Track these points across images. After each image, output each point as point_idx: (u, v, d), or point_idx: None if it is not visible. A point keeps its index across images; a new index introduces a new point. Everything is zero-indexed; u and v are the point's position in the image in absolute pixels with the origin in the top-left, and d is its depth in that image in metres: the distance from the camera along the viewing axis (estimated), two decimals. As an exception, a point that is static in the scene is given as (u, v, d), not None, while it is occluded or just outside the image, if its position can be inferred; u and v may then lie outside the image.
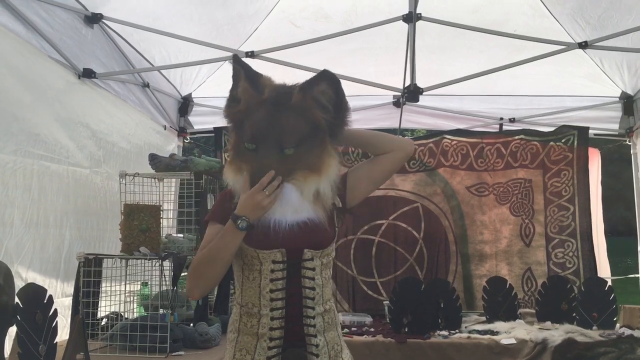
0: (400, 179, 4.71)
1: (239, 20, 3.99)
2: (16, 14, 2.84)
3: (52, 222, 3.04)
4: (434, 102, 4.82)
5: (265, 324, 1.71)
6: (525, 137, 4.66)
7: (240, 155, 1.73)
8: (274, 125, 1.66)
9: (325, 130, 1.72)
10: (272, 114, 1.68)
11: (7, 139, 2.68)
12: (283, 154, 1.66)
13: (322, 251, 1.76)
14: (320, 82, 1.69)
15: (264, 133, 1.66)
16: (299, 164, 1.68)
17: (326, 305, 1.78)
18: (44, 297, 2.08)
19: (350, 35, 3.44)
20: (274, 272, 1.72)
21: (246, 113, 1.71)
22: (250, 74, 1.73)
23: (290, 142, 1.66)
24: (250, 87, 1.71)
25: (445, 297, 3.82)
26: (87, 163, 3.40)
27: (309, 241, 1.73)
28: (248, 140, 1.69)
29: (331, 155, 1.74)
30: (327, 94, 1.70)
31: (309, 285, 1.74)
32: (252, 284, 1.74)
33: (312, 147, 1.70)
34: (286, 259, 1.72)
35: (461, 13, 3.54)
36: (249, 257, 1.74)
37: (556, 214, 4.59)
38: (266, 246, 1.70)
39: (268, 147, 1.66)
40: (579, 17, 3.73)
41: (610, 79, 4.48)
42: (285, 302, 1.71)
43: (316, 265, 1.75)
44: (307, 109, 1.69)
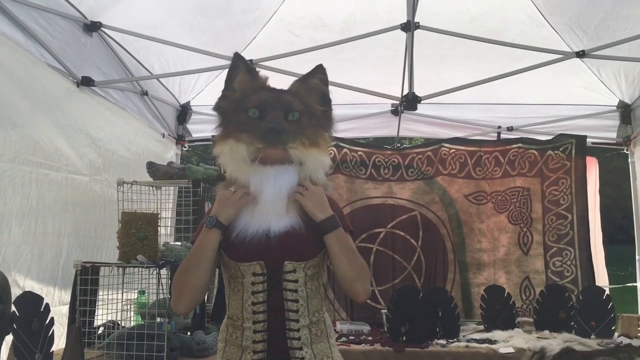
0: (399, 187, 4.71)
1: (238, 29, 4.00)
2: (16, 22, 2.85)
3: (50, 230, 3.03)
4: (432, 111, 4.84)
5: (248, 337, 1.71)
6: (523, 146, 4.66)
7: (240, 128, 1.73)
8: (279, 95, 1.74)
9: (321, 118, 1.79)
10: (275, 91, 1.77)
11: (5, 147, 2.68)
12: (287, 118, 1.71)
13: (305, 262, 1.72)
14: (316, 74, 1.80)
15: (270, 99, 1.72)
16: (302, 131, 1.72)
17: (313, 317, 1.75)
18: (40, 305, 2.08)
19: (349, 44, 3.46)
20: (254, 284, 1.70)
21: (244, 96, 1.75)
22: (250, 67, 1.81)
23: (294, 107, 1.72)
24: (249, 76, 1.77)
25: (443, 305, 3.81)
26: (86, 171, 3.40)
27: (289, 253, 1.70)
28: (253, 106, 1.71)
29: (327, 141, 1.81)
30: (320, 88, 1.80)
31: (291, 298, 1.71)
32: (237, 297, 1.74)
33: (311, 125, 1.76)
34: (266, 271, 1.70)
35: (459, 22, 3.56)
36: (232, 270, 1.73)
37: (554, 222, 4.59)
38: (245, 258, 1.70)
39: (274, 110, 1.70)
40: (576, 27, 3.75)
41: (607, 88, 4.50)
42: (268, 314, 1.70)
43: (299, 277, 1.72)
44: (304, 95, 1.77)
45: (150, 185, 3.10)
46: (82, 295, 2.67)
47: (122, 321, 2.89)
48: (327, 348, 1.78)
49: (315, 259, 1.75)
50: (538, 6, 3.76)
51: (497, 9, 3.82)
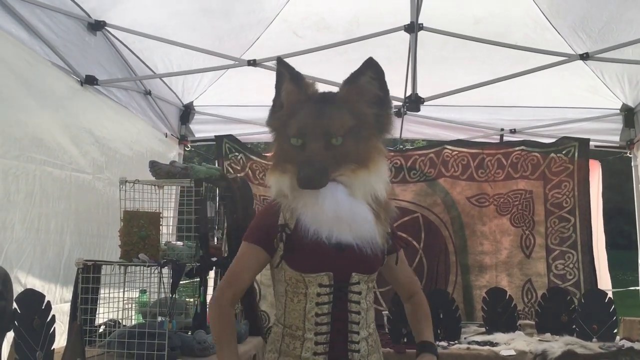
0: (401, 188, 4.71)
1: (241, 29, 4.01)
2: (20, 21, 2.86)
3: (52, 227, 3.04)
4: (435, 113, 4.83)
5: (309, 348, 1.67)
6: (526, 148, 4.66)
7: (284, 156, 1.68)
8: (320, 116, 1.63)
9: (372, 125, 1.68)
10: (318, 107, 1.65)
11: (10, 144, 2.69)
12: (330, 145, 1.62)
13: (369, 276, 1.72)
14: (365, 71, 1.67)
15: (309, 125, 1.63)
16: (346, 156, 1.63)
17: (370, 328, 1.75)
18: (42, 303, 2.09)
19: (352, 46, 3.46)
20: (320, 295, 1.67)
21: (290, 113, 1.68)
22: (294, 74, 1.72)
23: (337, 131, 1.62)
24: (294, 87, 1.70)
25: (444, 307, 3.81)
26: (90, 169, 3.41)
27: (357, 265, 1.68)
28: (294, 134, 1.65)
29: (380, 151, 1.69)
30: (373, 86, 1.67)
31: (355, 310, 1.69)
32: (297, 307, 1.69)
33: (359, 140, 1.65)
34: (333, 282, 1.67)
35: (463, 24, 3.56)
36: (293, 280, 1.69)
37: (557, 225, 4.58)
38: (312, 270, 1.66)
39: (314, 138, 1.61)
40: (580, 30, 3.75)
41: (611, 91, 4.49)
42: (331, 326, 1.67)
43: (362, 289, 1.71)
44: (353, 101, 1.66)
45: (153, 184, 3.11)
46: (83, 294, 2.67)
47: (123, 320, 2.89)
48: (379, 359, 1.80)
49: (376, 273, 1.77)
50: (542, 9, 3.76)
51: (501, 12, 3.82)
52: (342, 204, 1.61)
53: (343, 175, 1.63)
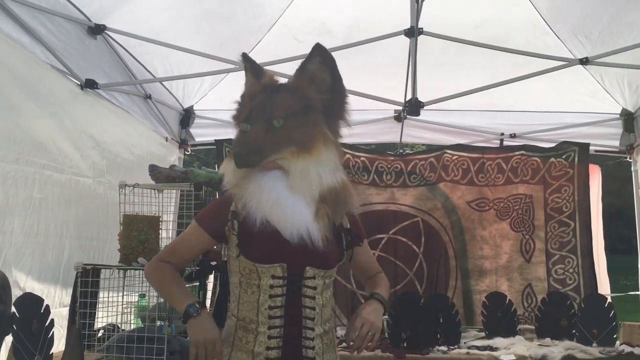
0: (401, 193, 4.70)
1: (242, 34, 4.02)
2: (21, 25, 2.87)
3: (52, 231, 3.04)
4: (435, 117, 4.84)
5: (262, 342, 1.64)
6: (526, 153, 4.66)
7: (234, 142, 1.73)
8: (266, 102, 1.66)
9: (320, 110, 1.66)
10: (268, 94, 1.68)
11: (10, 148, 2.69)
12: (271, 127, 1.62)
13: (325, 271, 1.70)
14: (313, 58, 1.67)
15: (255, 110, 1.66)
16: (287, 139, 1.62)
17: (325, 326, 1.72)
18: (40, 307, 2.08)
19: (352, 51, 3.46)
20: (273, 287, 1.65)
21: (247, 104, 1.72)
22: (255, 67, 1.77)
23: (278, 113, 1.62)
24: (254, 79, 1.73)
25: (444, 312, 3.80)
26: (90, 173, 3.41)
27: (312, 259, 1.66)
28: (242, 120, 1.68)
29: (327, 138, 1.66)
30: (322, 72, 1.67)
31: (309, 305, 1.67)
32: (250, 299, 1.67)
33: (304, 125, 1.63)
34: (287, 274, 1.65)
35: (463, 29, 3.56)
36: (247, 271, 1.67)
37: (557, 230, 4.58)
38: (266, 260, 1.64)
39: (258, 122, 1.64)
40: (580, 34, 3.76)
41: (610, 95, 4.50)
42: (284, 320, 1.65)
43: (318, 284, 1.69)
44: (302, 88, 1.66)
45: (152, 188, 3.10)
46: (82, 298, 2.66)
47: (122, 324, 2.89)
48: (335, 359, 1.77)
49: (334, 269, 1.74)
50: (541, 13, 3.77)
51: (500, 16, 3.83)
52: (281, 197, 1.62)
53: (283, 158, 1.63)
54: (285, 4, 3.86)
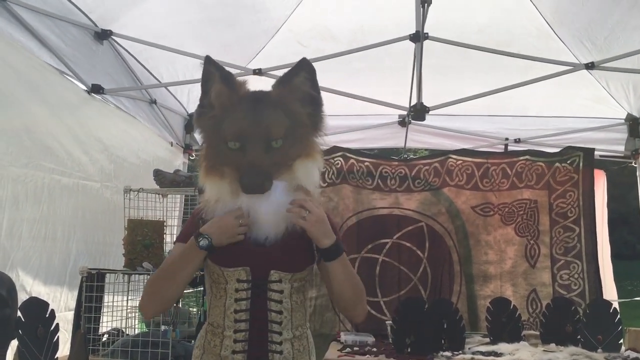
0: (405, 197, 4.69)
1: (247, 39, 4.03)
2: (30, 30, 2.90)
3: (59, 235, 3.06)
4: (439, 122, 4.84)
5: (227, 346, 1.65)
6: (531, 158, 4.64)
7: (221, 160, 1.63)
8: (257, 119, 1.59)
9: (307, 124, 1.66)
10: (253, 108, 1.61)
11: (19, 152, 2.72)
12: (270, 148, 1.59)
13: (292, 275, 1.68)
14: (299, 72, 1.64)
15: (248, 129, 1.58)
16: (286, 158, 1.62)
17: (297, 331, 1.70)
18: (45, 311, 2.09)
19: (357, 55, 3.47)
20: (238, 291, 1.65)
21: (223, 115, 1.63)
22: (225, 74, 1.66)
23: (277, 133, 1.59)
24: (225, 87, 1.64)
25: (448, 317, 3.79)
26: (97, 177, 3.43)
27: (277, 262, 1.65)
28: (232, 138, 1.60)
29: (316, 148, 1.68)
30: (306, 86, 1.65)
31: (275, 309, 1.66)
32: (218, 303, 1.68)
33: (296, 140, 1.63)
34: (251, 278, 1.65)
35: (466, 34, 3.57)
36: (215, 275, 1.68)
37: (562, 235, 4.56)
38: (230, 263, 1.64)
39: (254, 142, 1.58)
40: (585, 39, 3.75)
41: (616, 100, 4.49)
42: (250, 324, 1.64)
43: (285, 288, 1.67)
44: (286, 101, 1.63)
45: (157, 192, 3.12)
46: (87, 302, 2.67)
47: (126, 328, 2.89)
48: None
49: (303, 272, 1.71)
50: (546, 18, 3.76)
51: (505, 21, 3.83)
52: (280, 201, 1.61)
53: (283, 174, 1.62)
54: (290, 9, 3.87)
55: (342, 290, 1.70)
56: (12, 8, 2.74)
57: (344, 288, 1.69)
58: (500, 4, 3.69)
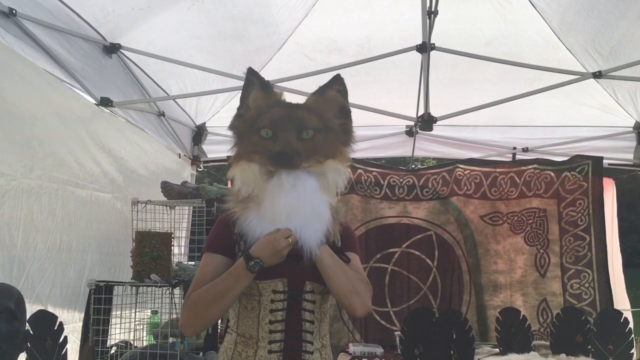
0: (414, 206, 4.69)
1: (254, 52, 4.05)
2: (40, 45, 2.94)
3: (74, 246, 3.08)
4: (447, 132, 4.84)
5: (262, 357, 1.66)
6: (539, 167, 4.63)
7: (252, 148, 1.70)
8: (291, 112, 1.69)
9: (339, 133, 1.75)
10: (289, 107, 1.73)
11: (33, 164, 2.75)
12: (301, 137, 1.67)
13: (323, 286, 1.72)
14: (333, 85, 1.75)
15: (282, 118, 1.67)
16: (316, 150, 1.68)
17: (323, 340, 1.76)
18: (54, 324, 2.10)
19: (364, 68, 3.48)
20: (274, 302, 1.67)
21: (258, 115, 1.71)
22: (264, 82, 1.77)
23: (308, 124, 1.67)
24: (263, 93, 1.74)
25: (457, 328, 3.77)
26: (109, 188, 3.46)
27: (312, 273, 1.68)
28: (265, 125, 1.68)
29: (345, 156, 1.76)
30: (338, 98, 1.75)
31: (309, 319, 1.70)
32: (250, 314, 1.69)
33: (327, 141, 1.71)
34: (287, 289, 1.68)
35: (474, 45, 3.57)
36: (247, 287, 1.68)
37: (572, 244, 4.53)
38: (266, 276, 1.66)
39: (287, 129, 1.66)
40: (591, 49, 3.74)
41: (623, 109, 4.47)
42: (285, 334, 1.67)
43: (316, 298, 1.72)
44: (320, 109, 1.72)
45: (164, 204, 3.14)
46: (95, 314, 2.69)
47: (134, 341, 2.90)
48: None
49: None
50: (553, 28, 3.76)
51: (512, 32, 3.83)
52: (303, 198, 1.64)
53: (312, 166, 1.68)
54: (297, 22, 3.89)
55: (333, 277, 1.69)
56: (22, 23, 2.78)
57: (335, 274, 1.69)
58: (507, 15, 3.69)
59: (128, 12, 3.26)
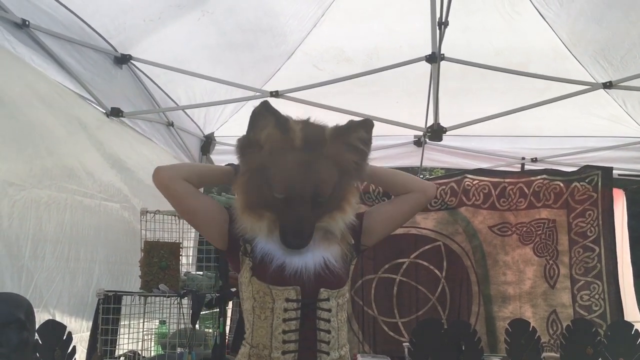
0: (422, 217, 4.67)
1: (263, 62, 4.08)
2: (52, 56, 2.97)
3: (82, 256, 3.09)
4: (455, 142, 4.83)
5: None
6: (548, 177, 4.60)
7: (263, 202, 1.66)
8: (307, 175, 1.61)
9: (352, 173, 1.71)
10: (305, 162, 1.61)
11: (43, 174, 2.77)
12: (317, 204, 1.65)
13: (338, 291, 1.70)
14: (359, 130, 1.69)
15: (297, 184, 1.61)
16: (328, 208, 1.68)
17: (342, 350, 1.72)
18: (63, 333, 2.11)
19: (372, 78, 3.48)
20: (287, 311, 1.64)
21: (272, 158, 1.63)
22: (281, 121, 1.65)
23: (325, 192, 1.64)
24: (279, 132, 1.63)
25: (466, 339, 3.74)
26: (117, 198, 3.48)
27: (325, 280, 1.66)
28: (280, 191, 1.62)
29: (355, 192, 1.76)
30: (360, 143, 1.70)
31: (324, 328, 1.67)
32: (264, 324, 1.66)
33: (340, 189, 1.69)
34: (300, 297, 1.65)
35: (483, 56, 3.56)
36: (260, 294, 1.67)
37: (581, 255, 4.49)
38: (280, 282, 1.64)
39: (302, 198, 1.62)
40: (601, 58, 3.74)
41: (633, 119, 4.45)
42: (299, 345, 1.64)
43: (332, 306, 1.69)
44: (340, 154, 1.67)
45: (173, 214, 3.14)
46: (104, 324, 2.69)
47: (142, 351, 2.90)
48: None
49: (345, 287, 1.75)
50: (562, 39, 3.76)
51: (521, 43, 3.83)
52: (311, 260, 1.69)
53: (324, 222, 1.70)
54: (306, 32, 3.91)
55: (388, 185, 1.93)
56: (35, 34, 2.81)
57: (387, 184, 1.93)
58: (516, 25, 3.69)
59: (139, 23, 3.29)
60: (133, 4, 3.14)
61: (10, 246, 2.51)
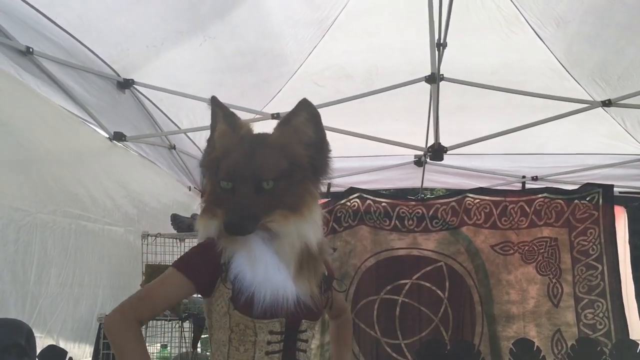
0: (423, 237, 4.67)
1: (264, 83, 4.11)
2: (56, 82, 3.01)
3: (86, 281, 3.10)
4: (455, 161, 4.85)
5: None
6: (549, 196, 4.61)
7: (215, 201, 1.60)
8: (250, 159, 1.54)
9: (307, 169, 1.61)
10: (250, 149, 1.57)
11: (47, 199, 2.78)
12: (261, 189, 1.54)
13: (315, 322, 1.70)
14: (299, 112, 1.61)
15: (240, 168, 1.54)
16: (278, 201, 1.55)
17: None
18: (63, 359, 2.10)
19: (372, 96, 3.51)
20: (270, 344, 1.58)
21: (222, 155, 1.60)
22: (228, 114, 1.66)
23: (267, 174, 1.54)
24: (227, 127, 1.63)
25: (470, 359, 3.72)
26: (122, 222, 3.49)
27: (307, 311, 1.62)
28: (223, 177, 1.56)
29: (314, 196, 1.62)
30: (307, 128, 1.60)
31: (302, 358, 1.66)
32: (243, 357, 1.57)
33: (292, 184, 1.57)
34: (284, 329, 1.60)
35: (480, 74, 3.60)
36: (241, 327, 1.57)
37: (584, 273, 4.48)
38: (265, 315, 1.56)
39: (244, 181, 1.53)
40: (599, 78, 3.77)
41: (632, 137, 4.47)
42: None
43: (309, 336, 1.68)
44: (287, 143, 1.59)
45: (174, 237, 3.15)
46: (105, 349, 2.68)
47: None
48: None
49: (319, 318, 1.74)
50: (559, 58, 3.80)
51: (518, 63, 3.87)
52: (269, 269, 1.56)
53: (274, 221, 1.56)
54: (306, 53, 3.96)
55: None
56: (39, 61, 2.85)
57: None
58: (512, 45, 3.74)
59: (142, 49, 3.33)
60: (136, 30, 3.18)
61: (16, 271, 2.52)
